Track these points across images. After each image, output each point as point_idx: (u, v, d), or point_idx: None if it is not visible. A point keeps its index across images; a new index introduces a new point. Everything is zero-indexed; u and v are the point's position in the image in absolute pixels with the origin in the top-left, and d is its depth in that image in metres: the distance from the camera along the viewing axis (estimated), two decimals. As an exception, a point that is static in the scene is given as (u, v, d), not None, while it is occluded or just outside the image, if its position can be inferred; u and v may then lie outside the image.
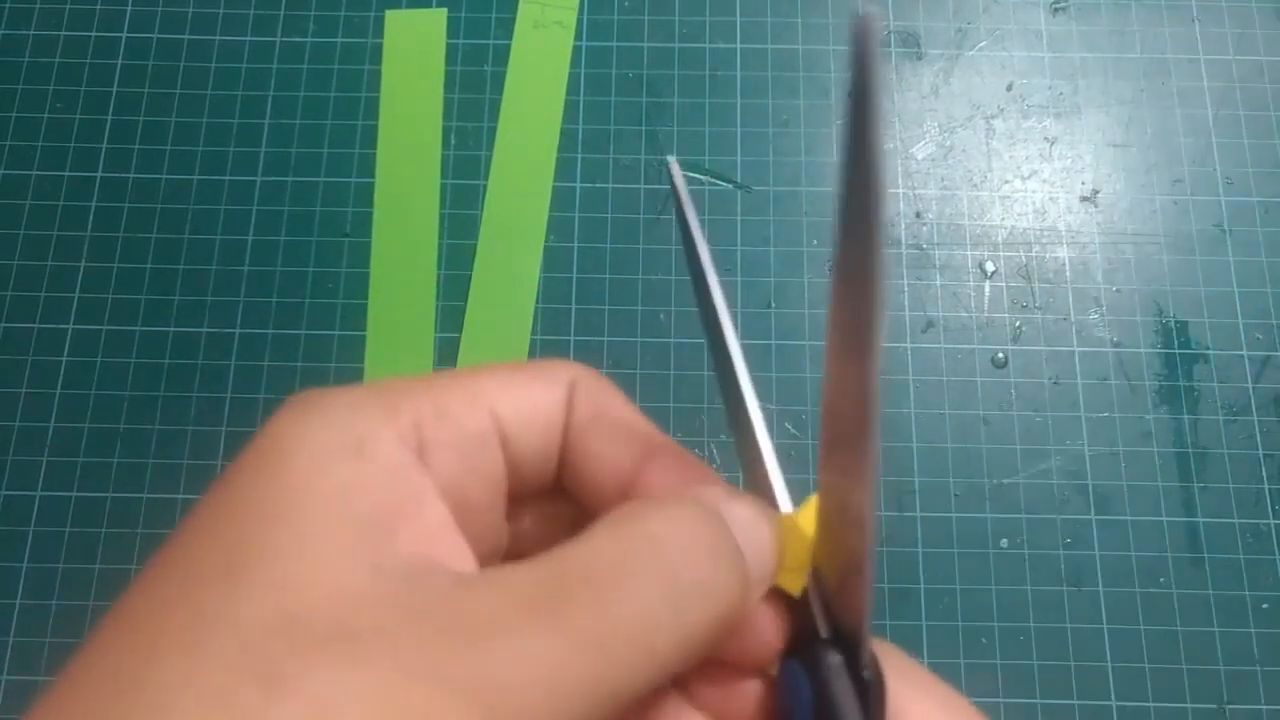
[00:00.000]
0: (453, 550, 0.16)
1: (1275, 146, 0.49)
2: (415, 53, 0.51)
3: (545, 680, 0.14)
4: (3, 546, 0.43)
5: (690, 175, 0.49)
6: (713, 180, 0.49)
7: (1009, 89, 0.50)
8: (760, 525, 0.18)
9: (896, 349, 0.46)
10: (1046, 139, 0.50)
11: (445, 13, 0.51)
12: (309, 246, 0.48)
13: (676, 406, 0.45)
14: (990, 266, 0.47)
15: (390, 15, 0.51)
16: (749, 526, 0.17)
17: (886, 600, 0.43)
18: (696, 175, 0.49)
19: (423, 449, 0.17)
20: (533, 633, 0.14)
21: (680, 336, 0.46)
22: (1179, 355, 0.46)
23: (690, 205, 0.21)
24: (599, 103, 0.50)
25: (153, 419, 0.45)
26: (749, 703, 0.18)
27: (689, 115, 0.50)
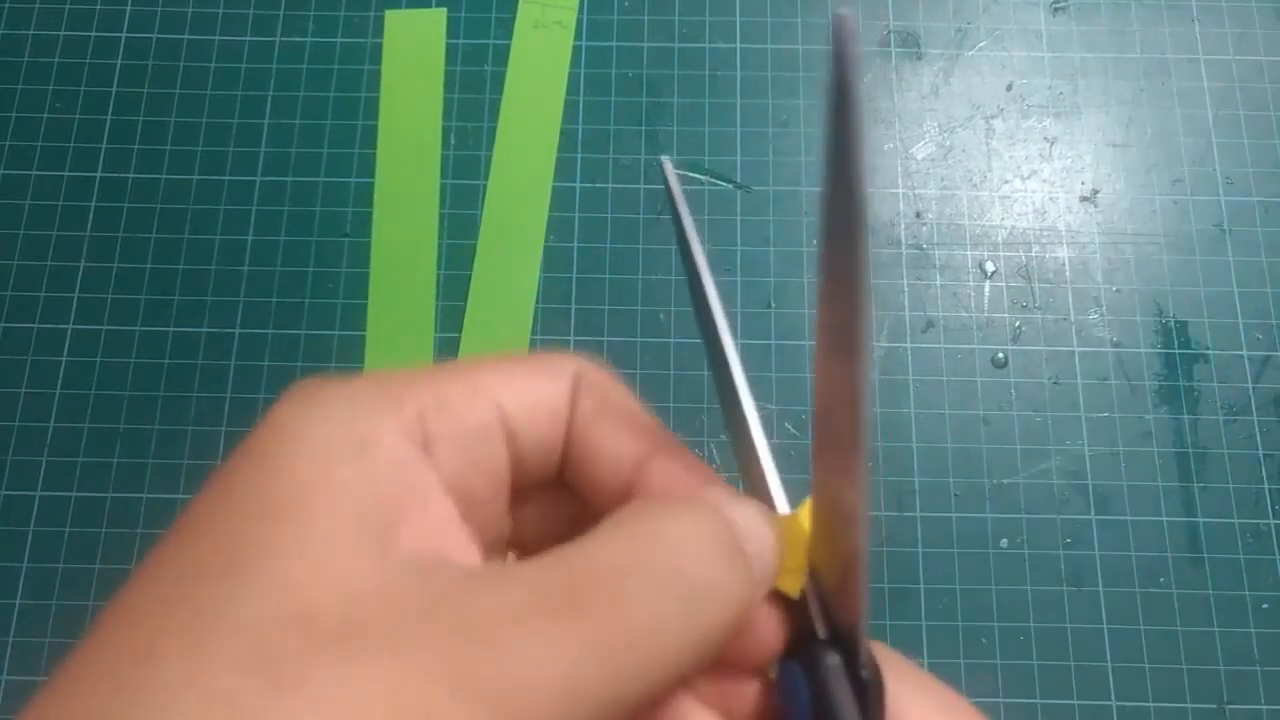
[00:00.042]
0: (458, 544, 0.16)
1: (1275, 146, 0.49)
2: (415, 53, 0.51)
3: (558, 682, 0.14)
4: (3, 546, 0.43)
5: (690, 175, 0.49)
6: (713, 180, 0.49)
7: (1009, 89, 0.50)
8: (762, 527, 0.18)
9: (896, 349, 0.46)
10: (1046, 139, 0.50)
11: (445, 13, 0.51)
12: (309, 246, 0.48)
13: (676, 406, 0.45)
14: (990, 266, 0.47)
15: (390, 15, 0.51)
16: (751, 528, 0.17)
17: (886, 600, 0.43)
18: (696, 175, 0.49)
19: (426, 442, 0.17)
20: (545, 633, 0.14)
21: (680, 336, 0.46)
22: (1179, 355, 0.46)
23: (684, 204, 0.21)
24: (599, 103, 0.50)
25: (153, 419, 0.45)
26: (750, 702, 0.18)
27: (689, 115, 0.50)
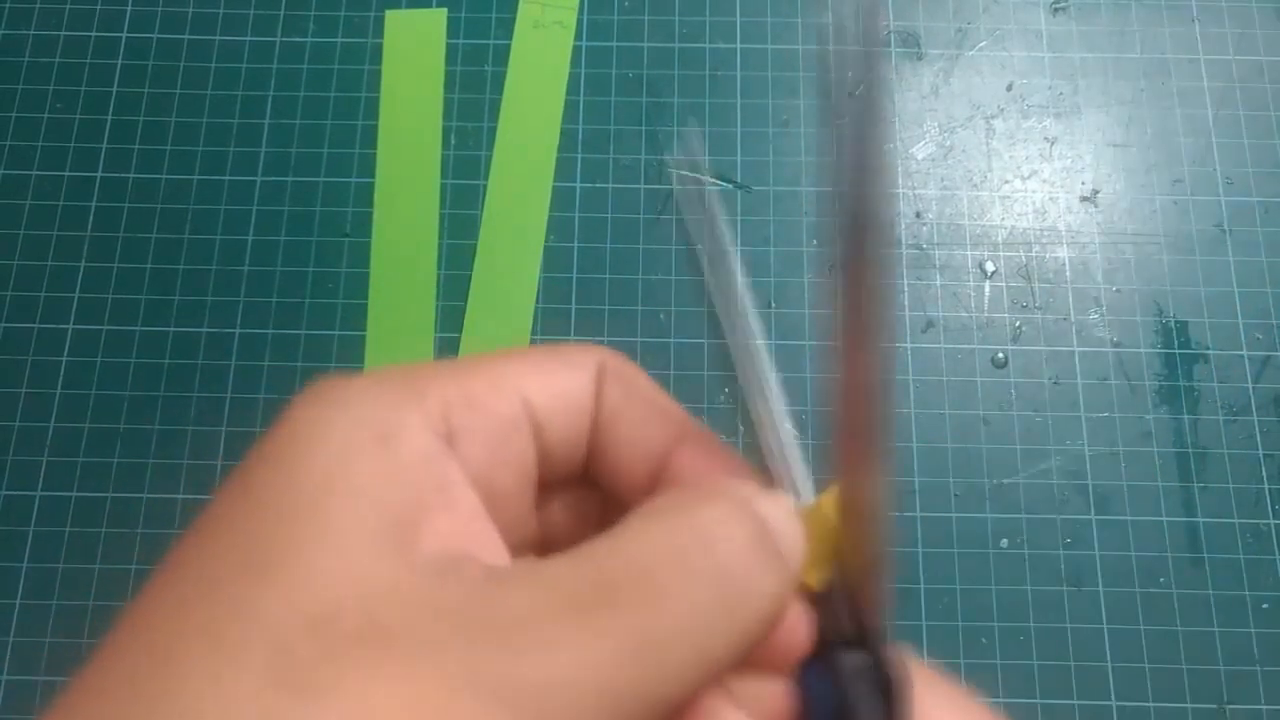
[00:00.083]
0: (484, 541, 0.15)
1: (1275, 146, 0.49)
2: (415, 53, 0.51)
3: (589, 684, 0.13)
4: (3, 546, 0.43)
5: (690, 175, 0.49)
6: (713, 180, 0.49)
7: (1009, 89, 0.50)
8: (790, 520, 0.17)
9: (896, 349, 0.46)
10: (1046, 139, 0.50)
11: (445, 13, 0.51)
12: (309, 246, 0.48)
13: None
14: (990, 266, 0.47)
15: (390, 15, 0.51)
16: (780, 521, 0.17)
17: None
18: (697, 175, 0.49)
19: (451, 436, 0.16)
20: (575, 634, 0.14)
21: (680, 336, 0.46)
22: (1179, 355, 0.46)
23: (709, 181, 0.21)
24: (599, 103, 0.50)
25: (153, 419, 0.45)
26: (777, 701, 0.17)
27: (689, 115, 0.50)
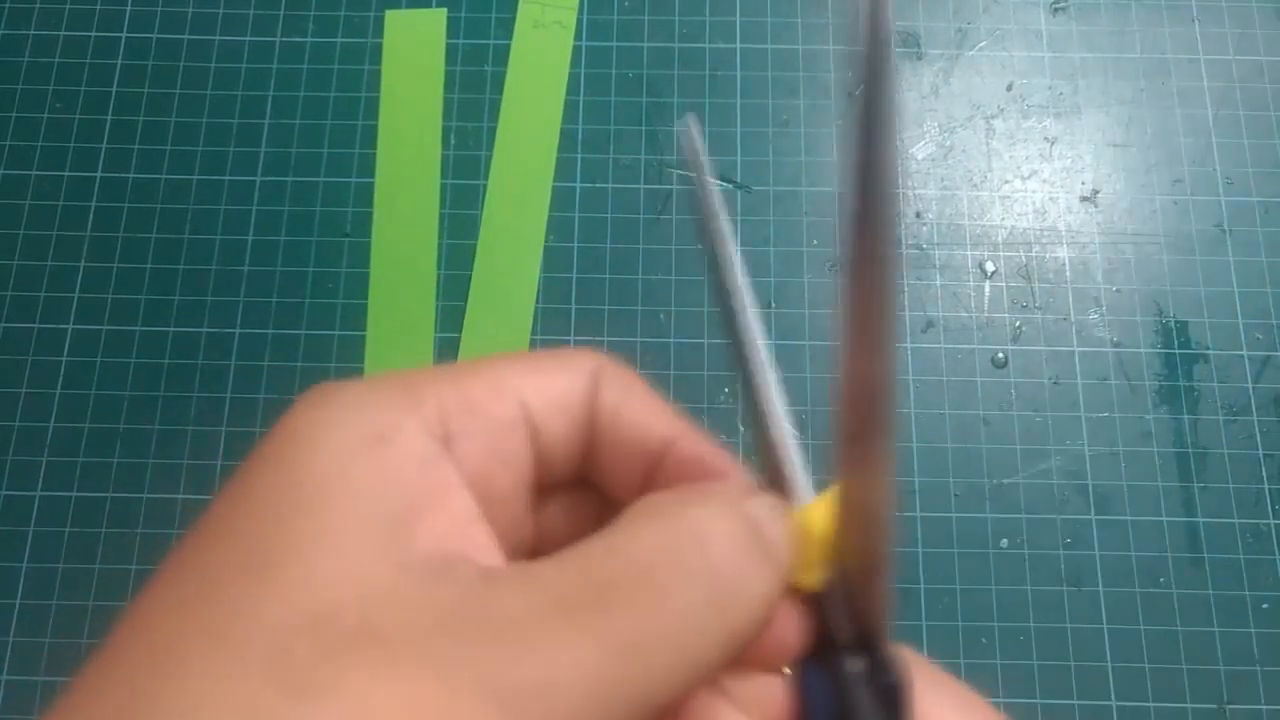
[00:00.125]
0: (480, 543, 0.16)
1: (1275, 146, 0.49)
2: (415, 53, 0.51)
3: (583, 684, 0.14)
4: (3, 546, 0.43)
5: (690, 175, 0.49)
6: (713, 180, 0.48)
7: (1009, 89, 0.50)
8: (779, 521, 0.17)
9: (897, 349, 0.46)
10: (1046, 139, 0.50)
11: (445, 13, 0.51)
12: (309, 246, 0.48)
13: (676, 407, 0.45)
14: (990, 266, 0.47)
15: (390, 15, 0.51)
16: (768, 522, 0.17)
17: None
18: (697, 172, 0.49)
19: (448, 438, 0.16)
20: (569, 634, 0.14)
21: (680, 336, 0.46)
22: (1179, 355, 0.46)
23: (708, 172, 0.21)
24: (599, 103, 0.50)
25: (153, 419, 0.45)
26: (772, 699, 0.17)
27: (689, 115, 0.50)
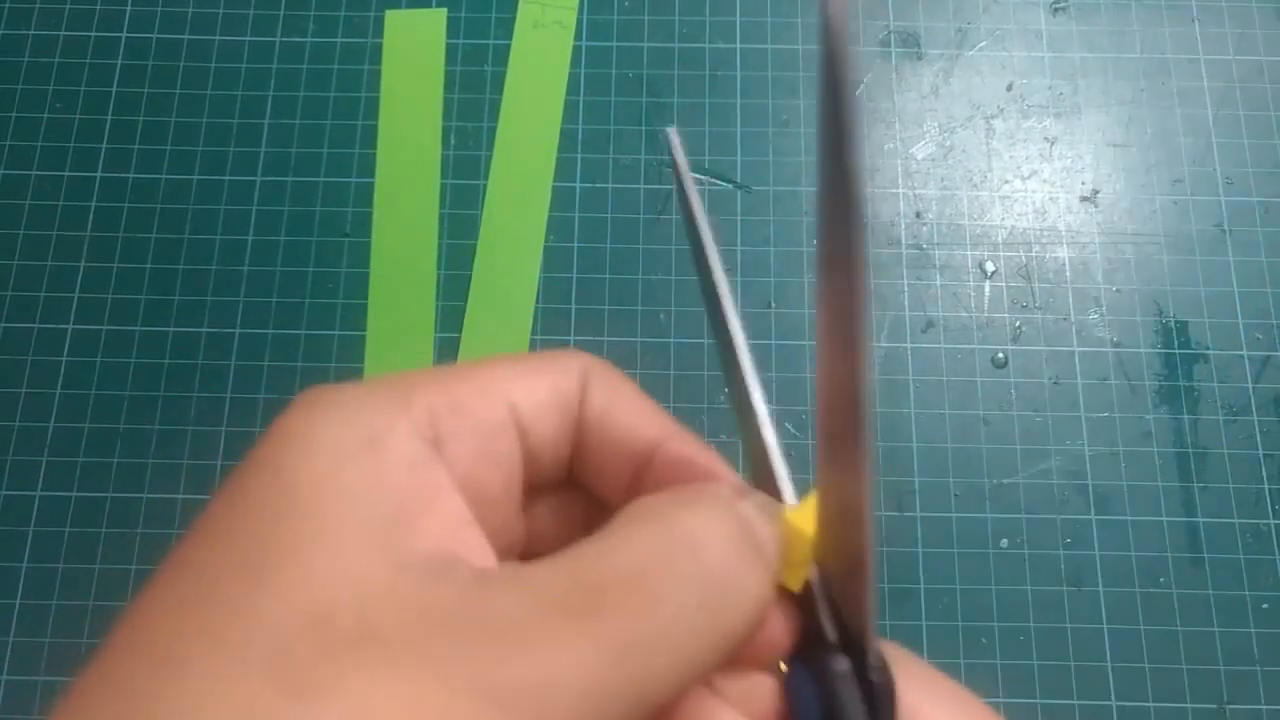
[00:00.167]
0: (471, 544, 0.16)
1: (1275, 146, 0.49)
2: (415, 53, 0.51)
3: (578, 686, 0.14)
4: (3, 546, 0.43)
5: (691, 175, 0.49)
6: (713, 180, 0.49)
7: (1009, 89, 0.50)
8: (766, 522, 0.17)
9: (896, 349, 0.46)
10: (1046, 139, 0.50)
11: (445, 13, 0.51)
12: (309, 246, 0.48)
13: (676, 406, 0.45)
14: (990, 266, 0.47)
15: (390, 15, 0.51)
16: (759, 522, 0.17)
17: (887, 600, 0.43)
18: (696, 175, 0.49)
19: (438, 441, 0.16)
20: (564, 636, 0.14)
21: (680, 336, 0.46)
22: (1179, 355, 0.46)
23: (690, 178, 0.21)
24: (599, 103, 0.50)
25: (153, 419, 0.45)
26: (762, 697, 0.18)
27: (689, 115, 0.50)
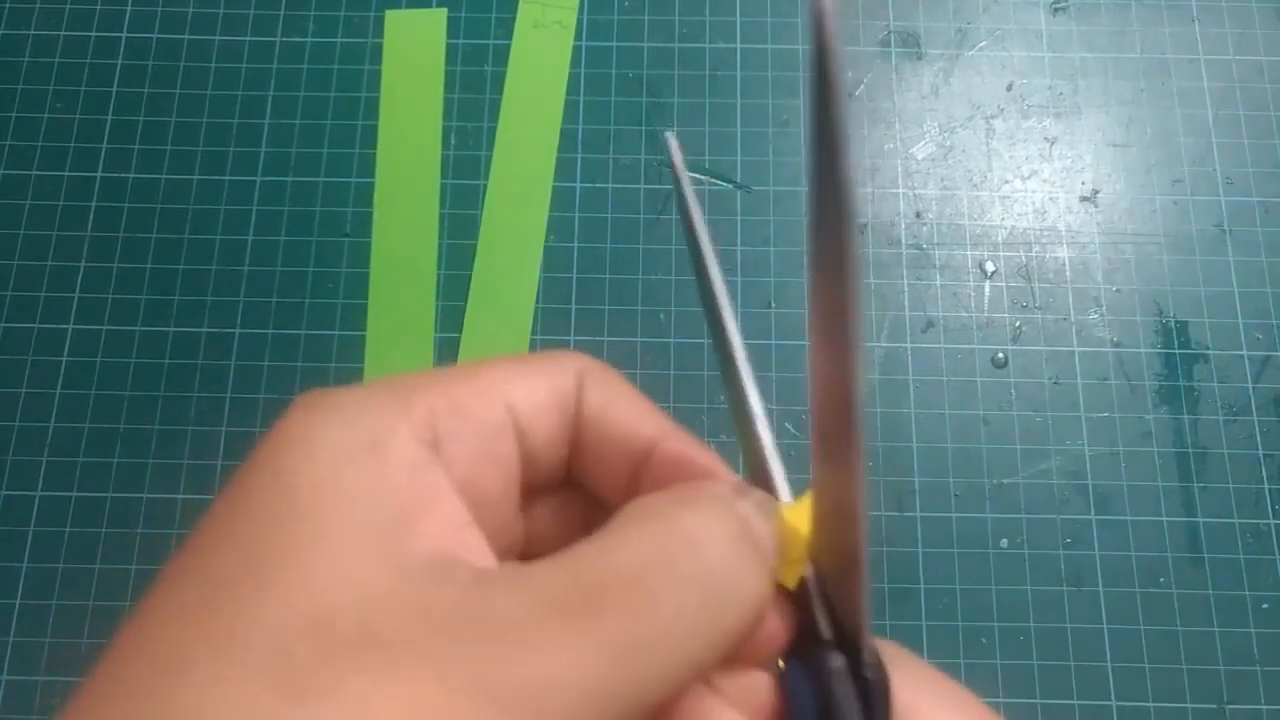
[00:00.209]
0: (471, 546, 0.16)
1: (1275, 146, 0.49)
2: (415, 53, 0.51)
3: (579, 686, 0.14)
4: (3, 546, 0.43)
5: (690, 175, 0.49)
6: (713, 180, 0.49)
7: (1009, 89, 0.50)
8: (764, 520, 0.17)
9: (896, 349, 0.46)
10: (1046, 139, 0.50)
11: (445, 13, 0.51)
12: (309, 246, 0.48)
13: (676, 406, 0.45)
14: (990, 266, 0.47)
15: (390, 15, 0.51)
16: (758, 520, 0.17)
17: (886, 600, 0.43)
18: (696, 175, 0.49)
19: (437, 443, 0.17)
20: (565, 637, 0.14)
21: (680, 336, 0.46)
22: (1179, 355, 0.46)
23: (688, 182, 0.21)
24: (599, 103, 0.50)
25: (153, 419, 0.45)
26: (759, 694, 0.18)
27: (689, 115, 0.50)
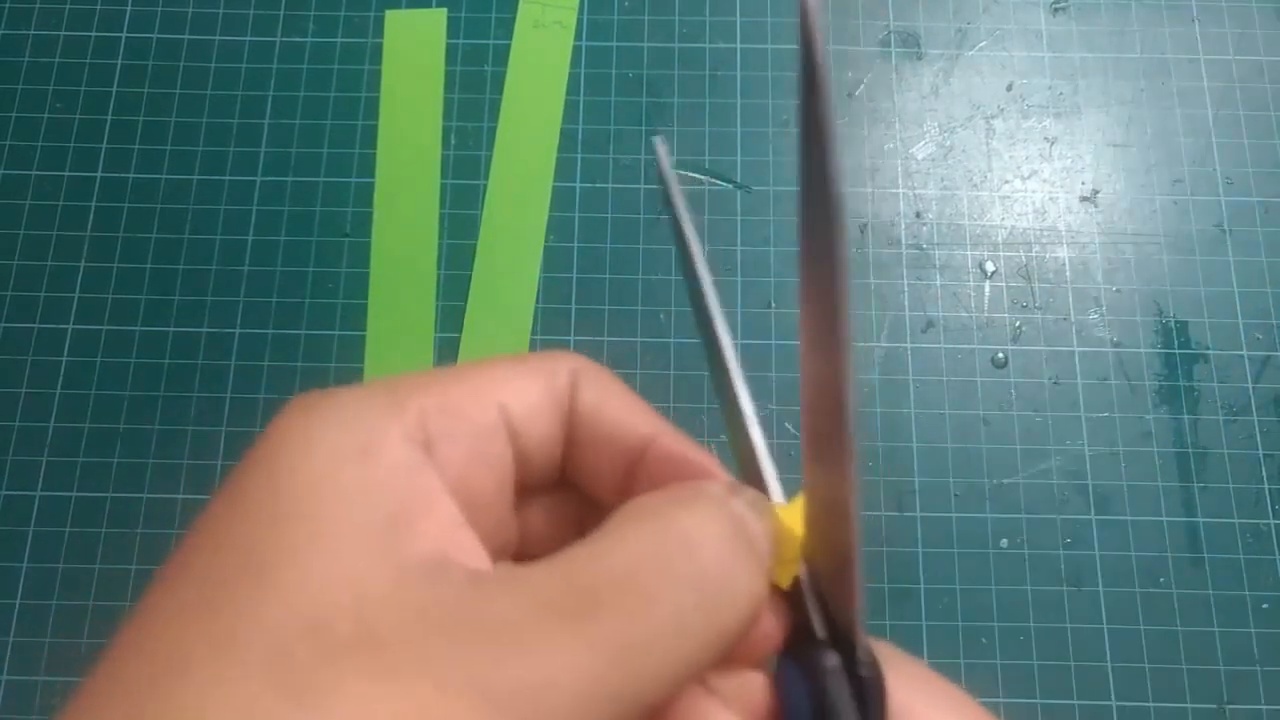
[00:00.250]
0: (465, 547, 0.16)
1: (1275, 146, 0.49)
2: (415, 53, 0.51)
3: (575, 687, 0.14)
4: (3, 546, 0.43)
5: (690, 175, 0.49)
6: (713, 180, 0.49)
7: (1009, 89, 0.50)
8: (759, 519, 0.17)
9: (896, 349, 0.46)
10: (1046, 139, 0.50)
11: (445, 13, 0.51)
12: (309, 246, 0.48)
13: (676, 406, 0.45)
14: (990, 266, 0.47)
15: (390, 15, 0.51)
16: (752, 520, 0.17)
17: (886, 600, 0.43)
18: (697, 175, 0.49)
19: (430, 445, 0.17)
20: (561, 638, 0.14)
21: (680, 336, 0.46)
22: (1179, 355, 0.46)
23: (677, 187, 0.21)
24: (599, 103, 0.50)
25: (153, 419, 0.45)
26: (755, 694, 0.18)
27: (689, 115, 0.50)
